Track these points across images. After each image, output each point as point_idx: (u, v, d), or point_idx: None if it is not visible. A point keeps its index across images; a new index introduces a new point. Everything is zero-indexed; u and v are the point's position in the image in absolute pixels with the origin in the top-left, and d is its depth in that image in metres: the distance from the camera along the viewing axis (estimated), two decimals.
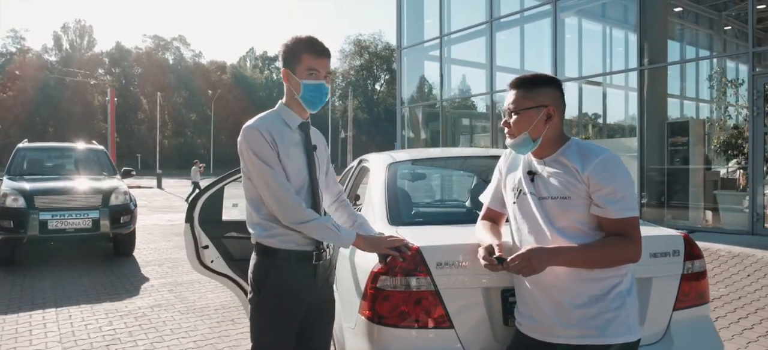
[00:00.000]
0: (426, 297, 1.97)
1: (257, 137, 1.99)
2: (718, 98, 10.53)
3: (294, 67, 2.04)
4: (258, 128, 2.01)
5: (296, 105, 2.10)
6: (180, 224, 12.24)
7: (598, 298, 1.69)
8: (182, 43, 67.80)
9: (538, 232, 1.76)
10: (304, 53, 2.03)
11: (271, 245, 2.03)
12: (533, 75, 1.82)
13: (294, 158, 2.05)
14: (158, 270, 7.10)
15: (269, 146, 1.98)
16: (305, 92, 2.05)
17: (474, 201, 2.91)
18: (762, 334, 4.31)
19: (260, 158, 1.97)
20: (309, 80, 2.04)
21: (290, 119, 2.10)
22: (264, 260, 2.05)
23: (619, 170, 1.69)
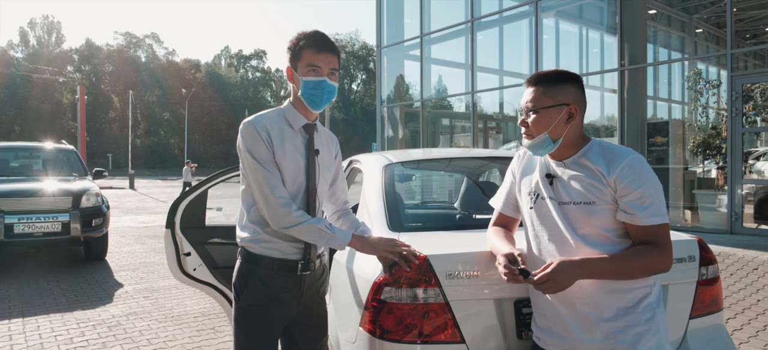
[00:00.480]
0: (434, 309, 1.83)
1: (253, 135, 1.89)
2: (696, 99, 10.66)
3: (295, 64, 1.93)
4: (255, 124, 1.90)
5: (300, 104, 1.98)
6: (155, 226, 11.88)
7: (626, 310, 1.57)
8: (155, 41, 66.57)
9: (559, 240, 1.63)
10: (305, 49, 1.91)
11: (254, 251, 1.95)
12: (554, 71, 1.69)
13: (291, 161, 1.93)
14: (133, 276, 6.81)
15: (265, 145, 1.88)
16: (305, 90, 1.92)
17: (476, 205, 2.78)
18: (752, 335, 4.29)
19: (254, 156, 1.87)
20: (309, 77, 1.91)
21: (294, 118, 1.98)
22: (246, 266, 1.97)
23: (647, 173, 1.58)
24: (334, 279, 2.46)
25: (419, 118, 14.88)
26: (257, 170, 1.86)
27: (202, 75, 64.09)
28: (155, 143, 58.53)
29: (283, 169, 1.90)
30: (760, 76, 9.61)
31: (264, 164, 1.87)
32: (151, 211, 15.95)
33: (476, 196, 2.93)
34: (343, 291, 2.25)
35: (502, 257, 1.66)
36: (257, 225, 1.93)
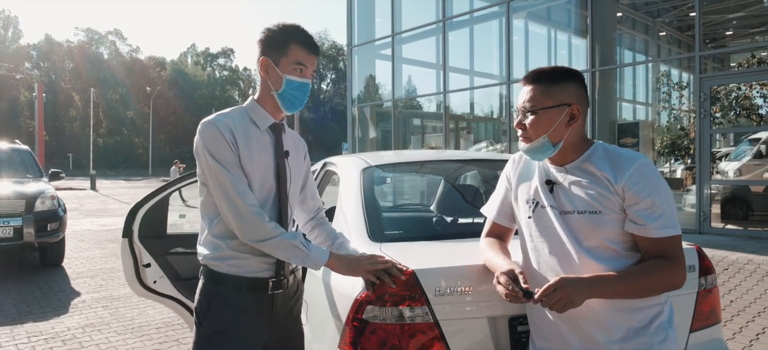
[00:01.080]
0: (422, 329, 1.65)
1: (215, 136, 1.66)
2: (665, 101, 10.83)
3: (278, 57, 1.71)
4: (217, 124, 1.67)
5: (270, 103, 1.76)
6: (116, 230, 11.40)
7: (637, 331, 1.43)
8: (118, 38, 64.61)
9: (561, 253, 1.48)
10: (294, 44, 1.71)
11: (218, 270, 1.71)
12: (553, 68, 1.53)
13: (258, 164, 1.72)
14: (91, 283, 6.44)
15: (229, 147, 1.66)
16: (287, 90, 1.72)
17: (460, 211, 2.62)
18: (729, 337, 4.26)
19: (217, 160, 1.65)
20: (294, 77, 1.71)
21: (260, 117, 1.76)
22: (209, 287, 1.73)
23: (657, 179, 1.44)
24: (309, 294, 2.26)
25: (390, 118, 14.74)
26: (222, 175, 1.64)
27: (168, 73, 62.57)
28: (118, 143, 56.82)
29: (251, 174, 1.69)
30: (728, 78, 9.80)
31: (229, 167, 1.65)
32: (113, 213, 15.36)
33: (459, 201, 2.78)
34: (319, 308, 2.06)
35: (502, 275, 1.48)
36: (221, 240, 1.71)
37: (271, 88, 1.73)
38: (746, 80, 10.71)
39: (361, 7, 15.39)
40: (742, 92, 10.97)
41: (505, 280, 1.46)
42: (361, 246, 2.03)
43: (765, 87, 10.91)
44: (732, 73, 11.29)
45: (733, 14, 13.69)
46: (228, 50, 71.00)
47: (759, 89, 10.89)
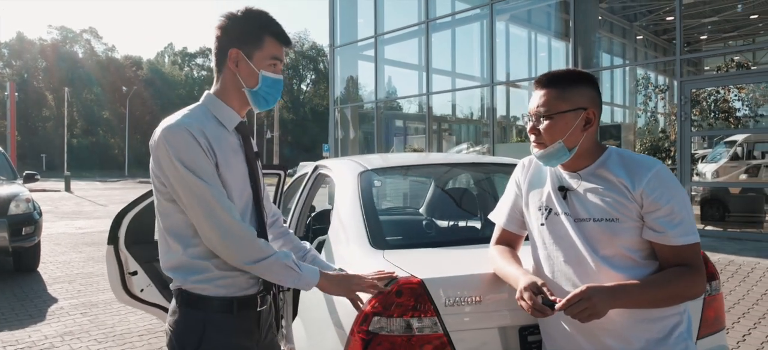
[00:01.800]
0: (432, 340, 1.59)
1: (188, 142, 1.43)
2: (646, 103, 10.98)
3: (251, 51, 1.53)
4: (189, 128, 1.44)
5: (238, 99, 1.57)
6: (93, 233, 11.12)
7: (658, 343, 1.39)
8: (93, 36, 63.29)
9: (576, 261, 1.43)
10: (268, 36, 1.54)
11: (204, 293, 1.50)
12: (567, 71, 1.49)
13: (235, 170, 1.54)
14: (68, 289, 6.24)
15: (205, 155, 1.45)
16: (263, 86, 1.55)
17: (462, 217, 2.57)
18: (733, 346, 4.26)
19: (193, 170, 1.42)
20: (269, 73, 1.55)
21: (226, 116, 1.56)
22: (194, 314, 1.51)
23: (676, 185, 1.40)
24: (306, 302, 2.19)
25: (373, 119, 14.68)
26: (201, 188, 1.42)
27: (144, 73, 61.49)
28: (93, 143, 55.65)
29: (228, 183, 1.50)
30: (708, 82, 9.97)
31: (208, 180, 1.44)
32: (89, 215, 14.99)
33: (459, 205, 2.72)
34: (319, 316, 1.99)
35: (525, 291, 1.40)
36: (205, 260, 1.50)
37: (242, 84, 1.54)
38: (726, 83, 10.93)
39: (344, 8, 15.31)
40: (720, 95, 11.19)
41: (528, 294, 1.38)
42: (360, 253, 1.97)
43: (742, 90, 11.15)
44: (713, 77, 11.51)
45: (708, 19, 14.00)
46: (206, 50, 70.06)
47: (737, 93, 11.12)
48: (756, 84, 11.18)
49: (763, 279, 5.98)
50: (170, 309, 1.57)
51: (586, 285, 1.31)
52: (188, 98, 62.93)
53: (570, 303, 1.30)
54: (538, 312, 1.36)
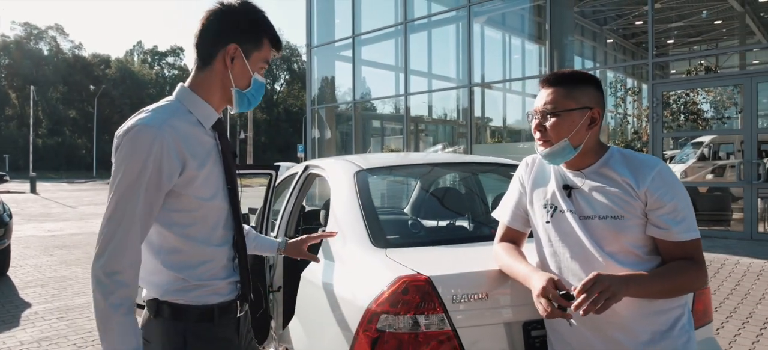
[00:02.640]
0: (439, 338, 1.61)
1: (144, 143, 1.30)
2: (619, 105, 11.23)
3: (250, 50, 1.46)
4: (159, 129, 1.32)
5: (219, 96, 1.48)
6: (63, 235, 10.84)
7: (663, 334, 1.44)
8: (59, 33, 61.51)
9: (583, 257, 1.47)
10: (266, 39, 1.49)
11: (184, 303, 1.42)
12: (572, 71, 1.54)
13: (209, 171, 1.43)
14: (42, 293, 6.07)
15: (174, 161, 1.34)
16: (253, 89, 1.49)
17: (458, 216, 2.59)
18: (725, 347, 4.39)
19: (131, 173, 1.30)
20: (259, 76, 1.50)
21: (202, 114, 1.45)
22: (175, 326, 1.42)
23: (677, 184, 1.46)
24: (304, 301, 2.18)
25: (350, 119, 14.67)
26: (126, 196, 1.30)
27: (113, 71, 60.07)
28: (59, 144, 54.07)
29: (200, 188, 1.40)
30: (678, 85, 10.26)
31: (140, 191, 1.31)
32: (58, 218, 14.58)
33: (453, 204, 2.76)
34: (320, 316, 1.99)
35: (544, 284, 1.39)
36: (183, 268, 1.42)
37: (232, 82, 1.46)
38: (696, 86, 11.26)
39: (321, 8, 15.26)
40: (689, 97, 11.54)
41: (545, 303, 1.38)
42: (362, 252, 1.97)
43: (710, 93, 11.51)
44: (683, 80, 11.85)
45: (675, 24, 14.42)
46: (177, 49, 69.03)
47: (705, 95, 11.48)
48: (723, 87, 11.56)
49: (732, 275, 6.20)
50: (142, 320, 1.46)
51: (595, 272, 1.34)
52: (159, 97, 60.52)
53: (586, 287, 1.30)
54: (556, 309, 1.36)
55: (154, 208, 1.35)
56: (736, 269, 6.47)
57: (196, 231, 1.43)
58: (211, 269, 1.45)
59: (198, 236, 1.43)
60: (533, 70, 13.03)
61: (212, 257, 1.46)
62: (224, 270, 1.49)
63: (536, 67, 12.25)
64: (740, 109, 9.04)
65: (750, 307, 5.05)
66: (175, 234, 1.41)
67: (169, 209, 1.39)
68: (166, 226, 1.40)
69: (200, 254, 1.44)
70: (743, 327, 4.56)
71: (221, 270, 1.48)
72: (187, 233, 1.41)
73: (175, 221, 1.40)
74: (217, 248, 1.47)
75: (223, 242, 1.48)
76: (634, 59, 15.83)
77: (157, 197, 1.34)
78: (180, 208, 1.40)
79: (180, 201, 1.39)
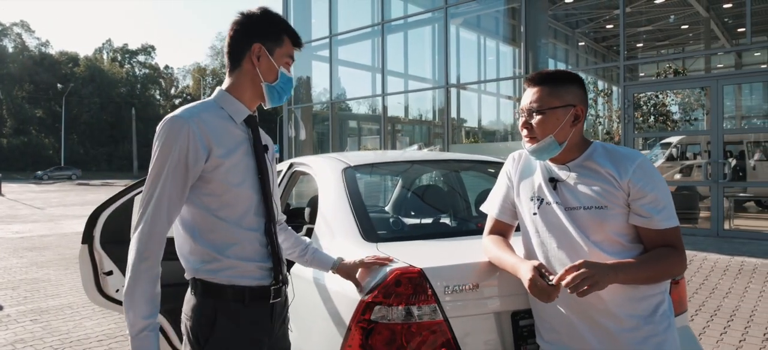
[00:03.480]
0: (431, 328, 1.66)
1: (177, 132, 1.46)
2: (591, 106, 11.48)
3: (272, 47, 1.61)
4: (187, 120, 1.47)
5: (250, 93, 1.62)
6: (33, 237, 10.57)
7: (646, 319, 1.51)
8: (25, 30, 59.87)
9: (571, 247, 1.54)
10: (286, 36, 1.63)
11: (216, 282, 1.54)
12: (557, 71, 1.61)
13: (238, 164, 1.56)
14: (13, 295, 5.93)
15: (200, 148, 1.47)
16: (280, 82, 1.63)
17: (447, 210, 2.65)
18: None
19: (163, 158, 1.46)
20: (286, 70, 1.64)
21: (235, 110, 1.60)
22: (207, 302, 1.54)
23: (657, 175, 1.54)
24: (299, 299, 2.21)
25: (327, 119, 14.66)
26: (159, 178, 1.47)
27: (82, 69, 58.65)
28: (26, 144, 52.57)
29: (228, 175, 1.53)
30: (649, 87, 10.54)
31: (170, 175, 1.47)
32: (26, 219, 14.21)
33: (438, 200, 2.81)
34: (311, 310, 2.02)
35: (530, 270, 1.47)
36: (214, 248, 1.54)
37: (261, 78, 1.60)
38: (666, 88, 11.59)
39: (297, 8, 15.21)
40: (659, 99, 11.88)
41: (536, 275, 1.45)
42: (353, 247, 2.01)
43: (679, 95, 11.87)
44: (653, 82, 12.18)
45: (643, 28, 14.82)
46: (148, 47, 67.70)
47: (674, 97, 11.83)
48: (691, 90, 11.93)
49: (700, 270, 6.43)
50: (186, 297, 1.60)
51: (582, 259, 1.41)
52: (129, 96, 60.55)
53: (569, 272, 1.37)
54: (545, 293, 1.43)
55: (184, 188, 1.50)
56: (704, 265, 6.70)
57: (227, 214, 1.55)
58: (241, 251, 1.56)
59: (229, 218, 1.55)
60: (508, 72, 13.22)
61: (242, 240, 1.57)
62: (256, 253, 1.59)
63: (511, 68, 12.44)
64: (707, 110, 9.36)
65: (717, 301, 5.25)
66: (206, 215, 1.54)
67: (201, 192, 1.53)
68: (198, 207, 1.54)
69: (231, 235, 1.55)
70: (711, 319, 4.74)
71: (252, 253, 1.58)
72: (218, 215, 1.54)
73: (206, 204, 1.54)
74: (247, 231, 1.57)
75: (254, 227, 1.59)
76: (606, 62, 16.22)
77: (185, 179, 1.49)
78: (210, 192, 1.53)
79: (210, 185, 1.52)
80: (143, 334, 1.42)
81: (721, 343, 4.18)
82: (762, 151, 11.86)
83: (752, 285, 5.76)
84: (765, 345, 4.10)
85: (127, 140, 53.12)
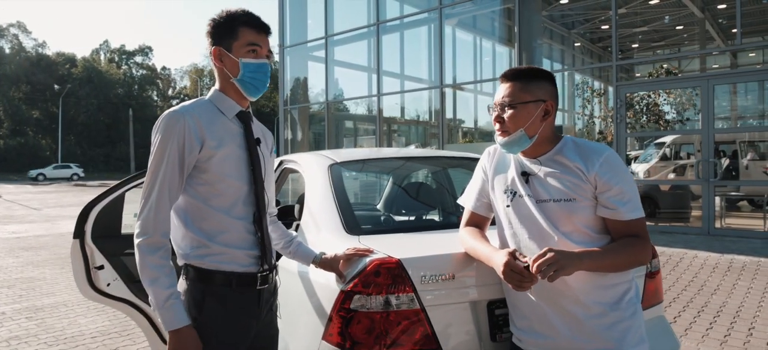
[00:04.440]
0: (409, 316, 1.72)
1: (173, 125, 1.59)
2: (585, 106, 11.56)
3: (229, 43, 1.68)
4: (183, 114, 1.61)
5: (233, 91, 1.72)
6: (28, 237, 10.60)
7: (612, 306, 1.57)
8: (22, 31, 59.68)
9: (541, 238, 1.60)
10: (242, 27, 1.69)
11: (204, 267, 1.64)
12: (529, 67, 1.67)
13: (230, 155, 1.66)
14: (9, 294, 5.97)
15: (184, 141, 1.59)
16: (245, 73, 1.68)
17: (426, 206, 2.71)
18: (681, 333, 4.60)
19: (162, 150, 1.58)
20: (249, 59, 1.68)
21: (227, 107, 1.71)
22: (196, 287, 1.65)
23: (623, 168, 1.60)
24: (284, 290, 2.27)
25: (324, 120, 14.71)
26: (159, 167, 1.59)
27: (79, 70, 58.53)
28: (23, 144, 52.39)
29: (221, 165, 1.64)
30: (641, 86, 10.62)
31: (169, 164, 1.59)
32: (23, 220, 14.22)
33: (422, 196, 2.87)
34: (295, 301, 2.08)
35: (504, 256, 1.53)
36: (204, 235, 1.64)
37: (230, 76, 1.69)
38: (657, 88, 11.68)
39: (293, 8, 15.26)
40: (651, 99, 11.97)
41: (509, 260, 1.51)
42: (336, 240, 2.07)
43: (671, 95, 11.96)
44: (645, 82, 12.26)
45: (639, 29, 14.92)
46: (146, 48, 67.58)
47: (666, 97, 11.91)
48: (683, 89, 12.02)
49: (690, 268, 6.50)
50: (179, 282, 1.67)
51: (548, 247, 1.47)
52: (126, 97, 60.49)
53: (538, 258, 1.43)
54: (519, 279, 1.48)
55: (181, 175, 1.62)
56: (694, 262, 6.78)
57: (218, 203, 1.65)
58: (229, 238, 1.66)
59: (219, 207, 1.65)
60: None
61: (231, 228, 1.66)
62: (244, 241, 1.68)
63: (505, 68, 12.53)
64: (699, 110, 9.45)
65: (705, 297, 5.32)
66: (198, 203, 1.65)
67: (195, 181, 1.65)
68: (192, 196, 1.65)
69: (220, 223, 1.65)
70: (699, 315, 4.81)
71: (241, 241, 1.68)
72: (209, 204, 1.64)
73: (199, 193, 1.65)
74: (236, 220, 1.67)
75: (242, 216, 1.69)
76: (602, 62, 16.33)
77: (182, 167, 1.61)
78: (204, 181, 1.64)
79: (204, 175, 1.64)
80: (169, 303, 1.54)
81: (707, 338, 4.25)
82: (755, 151, 11.95)
83: (740, 282, 5.83)
84: (749, 340, 4.17)
85: (125, 140, 53.03)
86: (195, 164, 1.63)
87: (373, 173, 3.60)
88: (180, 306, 1.56)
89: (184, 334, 1.54)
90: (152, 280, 1.54)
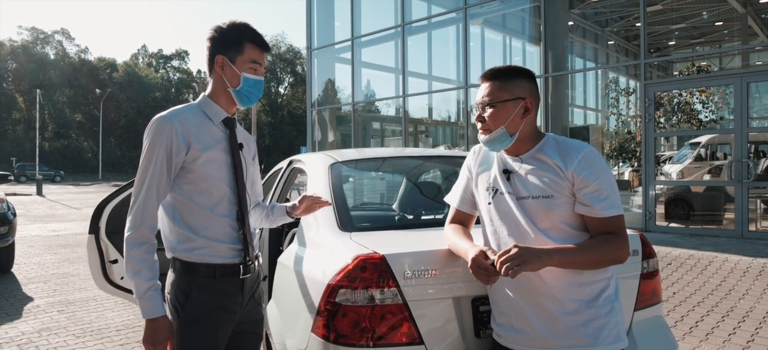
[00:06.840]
0: (392, 310, 1.76)
1: (161, 129, 1.72)
2: (613, 106, 11.32)
3: (233, 56, 1.82)
4: (171, 119, 1.74)
5: (225, 98, 1.87)
6: (67, 235, 11.05)
7: (588, 303, 1.58)
8: (65, 37, 62.03)
9: (519, 234, 1.62)
10: (248, 43, 1.83)
11: (191, 260, 1.78)
12: (508, 66, 1.69)
13: (215, 159, 1.80)
14: (44, 288, 6.25)
15: (171, 145, 1.72)
16: (244, 86, 1.83)
17: (425, 205, 2.74)
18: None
19: (151, 152, 1.72)
20: (250, 74, 1.83)
21: (213, 112, 1.85)
22: (184, 278, 1.79)
23: (602, 166, 1.60)
24: (279, 284, 2.34)
25: (350, 121, 14.83)
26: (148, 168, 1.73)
27: (120, 75, 60.51)
28: (66, 147, 54.53)
29: (205, 167, 1.77)
30: (670, 85, 10.36)
31: (157, 166, 1.72)
32: (62, 218, 14.82)
33: (421, 195, 2.90)
34: (291, 296, 2.14)
35: (474, 253, 1.57)
36: (189, 230, 1.78)
37: (228, 85, 1.82)
38: (687, 87, 11.36)
39: (321, 11, 15.44)
40: (683, 98, 11.65)
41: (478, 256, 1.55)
42: (330, 235, 2.13)
43: (704, 93, 11.60)
44: (674, 80, 11.94)
45: (676, 26, 14.51)
46: (182, 52, 69.34)
47: (699, 95, 11.57)
48: (716, 87, 11.66)
49: (718, 272, 6.31)
50: (167, 275, 1.82)
51: (513, 244, 1.49)
52: (164, 100, 62.11)
53: (502, 255, 1.46)
54: (486, 274, 1.51)
55: (169, 175, 1.74)
56: (724, 266, 6.57)
57: (203, 200, 1.78)
58: (213, 233, 1.79)
59: (204, 204, 1.78)
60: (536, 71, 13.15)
61: (215, 224, 1.80)
62: (227, 236, 1.81)
63: (533, 67, 12.35)
64: (732, 109, 9.15)
65: (732, 302, 5.17)
66: (185, 200, 1.78)
67: (182, 180, 1.78)
68: (179, 193, 1.78)
69: (205, 219, 1.78)
70: (723, 320, 4.68)
71: (224, 235, 1.80)
72: (195, 201, 1.78)
73: (185, 191, 1.78)
74: (220, 217, 1.80)
75: (226, 214, 1.82)
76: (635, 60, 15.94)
77: (169, 168, 1.74)
78: (189, 181, 1.77)
79: (189, 175, 1.77)
80: (148, 294, 1.68)
81: (729, 343, 4.14)
82: None
83: None
84: None
85: None
86: (182, 164, 1.76)
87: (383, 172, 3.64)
88: (158, 297, 1.70)
89: (159, 323, 1.70)
90: (135, 272, 1.68)
